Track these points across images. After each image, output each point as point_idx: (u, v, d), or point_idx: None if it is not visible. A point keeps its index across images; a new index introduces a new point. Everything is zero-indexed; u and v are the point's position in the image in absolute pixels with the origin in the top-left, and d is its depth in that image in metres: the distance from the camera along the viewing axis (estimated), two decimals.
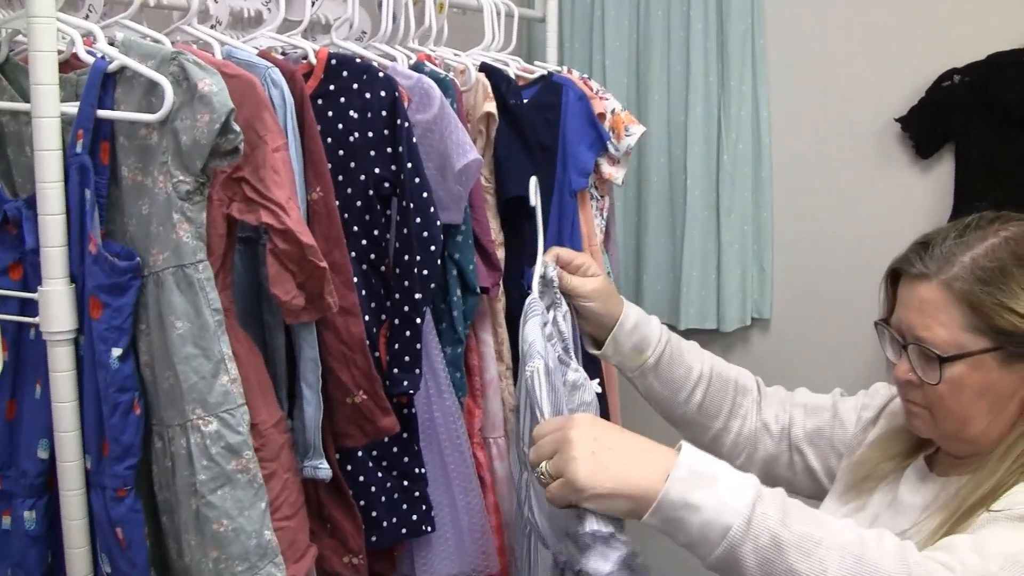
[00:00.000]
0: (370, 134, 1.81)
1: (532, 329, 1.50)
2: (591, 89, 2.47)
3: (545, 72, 2.43)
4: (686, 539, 1.22)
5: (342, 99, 1.81)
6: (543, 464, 1.28)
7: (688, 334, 3.11)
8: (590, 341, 1.84)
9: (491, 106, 2.10)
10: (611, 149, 2.47)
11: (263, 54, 1.71)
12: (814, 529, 1.22)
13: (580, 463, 1.23)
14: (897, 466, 1.60)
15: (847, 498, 1.64)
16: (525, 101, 2.24)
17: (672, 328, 2.51)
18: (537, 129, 2.28)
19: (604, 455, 1.25)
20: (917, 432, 1.54)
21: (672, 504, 1.21)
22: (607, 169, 2.50)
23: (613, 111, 2.48)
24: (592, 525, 1.24)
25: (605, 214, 2.61)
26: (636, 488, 1.22)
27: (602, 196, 2.57)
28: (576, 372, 1.58)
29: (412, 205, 1.83)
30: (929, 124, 2.93)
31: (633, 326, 1.78)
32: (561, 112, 2.36)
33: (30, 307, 1.49)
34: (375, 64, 1.87)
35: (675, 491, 1.21)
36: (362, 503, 1.84)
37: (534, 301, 1.59)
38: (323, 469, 1.71)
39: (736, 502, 1.21)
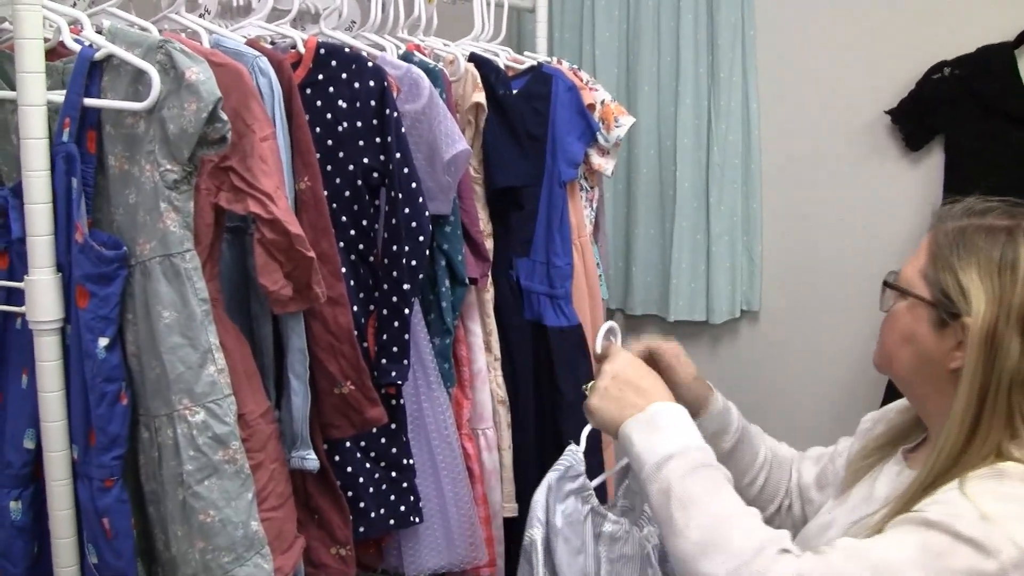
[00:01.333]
0: (359, 124, 1.80)
1: (539, 491, 1.61)
2: (581, 80, 2.47)
3: (535, 63, 2.42)
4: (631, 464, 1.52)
5: (331, 88, 1.80)
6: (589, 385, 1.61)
7: (677, 326, 3.14)
8: None
9: (480, 96, 2.10)
10: (601, 140, 2.46)
11: (251, 43, 1.71)
12: (704, 494, 1.41)
13: (595, 395, 1.56)
14: (877, 460, 1.62)
15: (836, 497, 1.66)
16: (515, 92, 2.24)
17: (661, 320, 2.51)
18: (526, 120, 2.27)
19: (613, 391, 1.55)
20: (873, 358, 1.60)
21: (622, 436, 1.51)
22: (597, 160, 2.50)
23: (603, 102, 2.47)
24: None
25: (595, 205, 2.60)
26: (613, 421, 1.53)
27: (592, 187, 2.57)
28: (615, 524, 1.68)
29: (400, 195, 1.82)
30: (919, 116, 2.93)
31: (715, 416, 1.76)
32: (551, 103, 2.35)
33: (16, 296, 1.48)
34: (364, 54, 1.86)
35: (627, 428, 1.50)
36: (350, 494, 1.84)
37: (565, 458, 1.66)
38: (310, 460, 1.71)
39: (659, 450, 1.46)
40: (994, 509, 1.31)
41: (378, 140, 1.81)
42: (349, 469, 1.85)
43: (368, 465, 1.87)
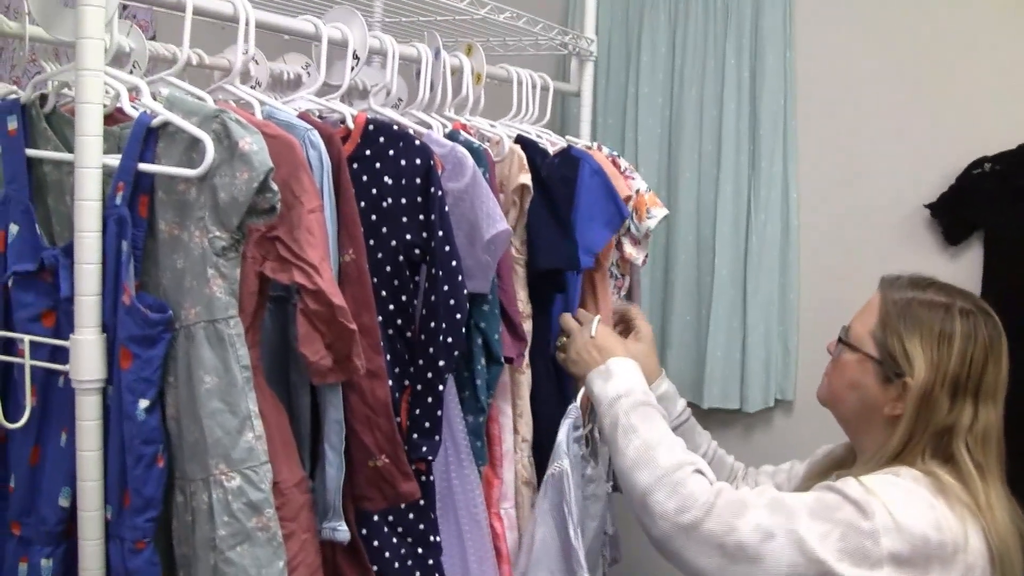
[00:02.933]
0: (403, 200, 1.82)
1: (561, 432, 2.06)
2: (619, 167, 2.47)
3: (566, 145, 2.43)
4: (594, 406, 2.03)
5: (377, 164, 1.82)
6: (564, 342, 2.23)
7: (711, 414, 3.13)
8: None
9: (526, 178, 2.11)
10: (632, 229, 2.45)
11: (302, 116, 1.73)
12: (640, 424, 1.85)
13: (571, 355, 2.17)
14: (816, 483, 1.84)
15: None
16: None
17: (695, 407, 2.52)
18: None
19: (583, 352, 2.12)
20: (818, 393, 1.98)
21: (587, 385, 2.05)
22: (628, 249, 2.50)
23: (638, 191, 2.47)
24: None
25: (623, 293, 2.58)
26: (581, 374, 2.09)
27: (622, 275, 2.55)
28: (594, 469, 2.19)
29: (440, 272, 1.83)
30: (958, 211, 2.93)
31: (659, 396, 2.15)
32: (576, 186, 2.34)
33: (60, 355, 1.49)
34: (411, 131, 1.89)
35: (589, 378, 2.05)
36: (376, 569, 1.82)
37: (572, 408, 2.12)
38: (341, 531, 1.70)
39: (611, 392, 1.96)
40: (879, 488, 1.63)
41: (422, 217, 1.83)
42: (376, 543, 1.83)
43: (395, 540, 1.86)
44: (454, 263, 1.85)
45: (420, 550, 1.89)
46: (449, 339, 1.86)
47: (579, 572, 2.03)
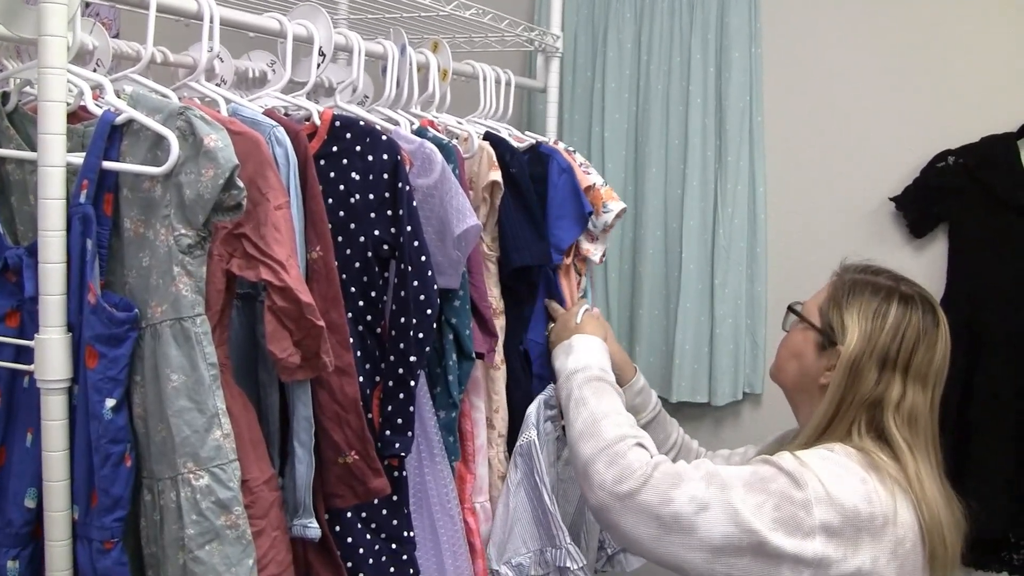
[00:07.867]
0: (371, 196, 1.82)
1: (532, 406, 2.17)
2: (575, 161, 2.45)
3: (534, 142, 2.43)
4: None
5: (344, 160, 1.82)
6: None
7: (680, 408, 3.15)
8: None
9: (496, 175, 2.11)
10: (589, 225, 2.42)
11: (268, 113, 1.73)
12: (591, 398, 1.95)
13: (552, 333, 2.26)
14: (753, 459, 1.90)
15: None
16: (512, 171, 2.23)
17: (664, 401, 2.54)
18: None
19: (558, 331, 2.23)
20: (769, 369, 2.12)
21: (552, 358, 2.18)
22: (585, 246, 2.45)
23: (593, 186, 2.43)
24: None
25: (580, 293, 2.54)
26: (551, 348, 2.21)
27: (579, 274, 2.51)
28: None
29: (410, 268, 1.83)
30: (923, 204, 2.95)
31: (636, 393, 2.31)
32: (547, 184, 2.34)
33: (25, 355, 1.48)
34: (378, 127, 1.89)
35: (554, 353, 2.18)
36: (349, 565, 1.82)
37: (550, 387, 2.23)
38: (312, 528, 1.70)
39: (570, 366, 2.07)
40: (813, 461, 1.71)
41: (390, 213, 1.83)
42: (349, 540, 1.83)
43: (368, 536, 1.86)
44: (423, 258, 1.85)
45: (394, 546, 1.89)
46: (420, 334, 1.86)
47: (559, 536, 2.11)
